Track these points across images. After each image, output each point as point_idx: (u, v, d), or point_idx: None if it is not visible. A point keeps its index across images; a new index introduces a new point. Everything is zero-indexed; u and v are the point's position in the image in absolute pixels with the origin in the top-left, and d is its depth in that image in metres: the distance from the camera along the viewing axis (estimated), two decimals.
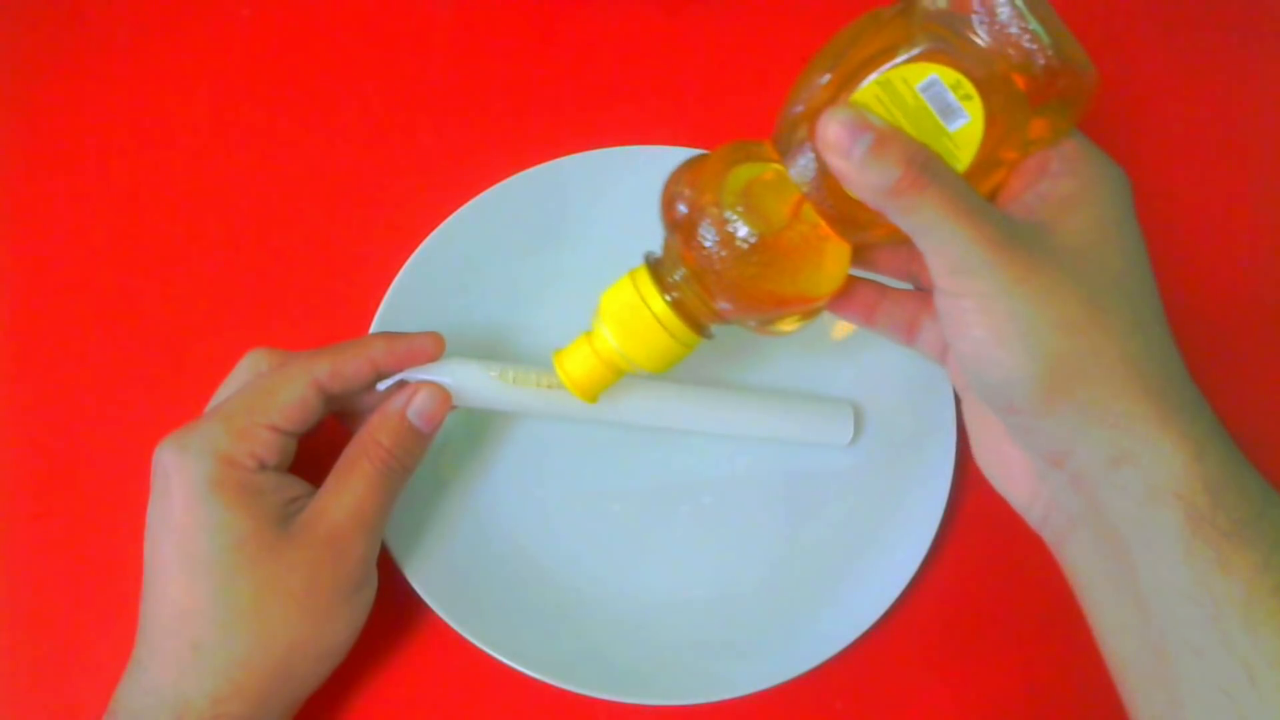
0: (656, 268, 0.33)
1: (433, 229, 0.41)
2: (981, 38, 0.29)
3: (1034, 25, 0.28)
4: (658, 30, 0.48)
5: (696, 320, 0.33)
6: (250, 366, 0.36)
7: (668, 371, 0.35)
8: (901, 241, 0.30)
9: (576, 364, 0.35)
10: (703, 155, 0.32)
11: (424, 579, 0.38)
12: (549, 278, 0.43)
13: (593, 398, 0.36)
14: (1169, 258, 0.44)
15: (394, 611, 0.38)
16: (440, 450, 0.39)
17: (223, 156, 0.46)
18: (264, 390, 0.34)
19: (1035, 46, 0.28)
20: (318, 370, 0.35)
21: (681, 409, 0.40)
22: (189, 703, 0.32)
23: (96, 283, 0.44)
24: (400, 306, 0.41)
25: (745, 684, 0.37)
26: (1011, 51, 0.29)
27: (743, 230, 0.30)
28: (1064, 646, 0.39)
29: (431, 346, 0.37)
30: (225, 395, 0.36)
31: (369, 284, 0.41)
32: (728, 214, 0.30)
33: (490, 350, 0.42)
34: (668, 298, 0.33)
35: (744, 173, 0.31)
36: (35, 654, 0.39)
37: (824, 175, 0.30)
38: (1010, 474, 0.32)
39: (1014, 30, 0.29)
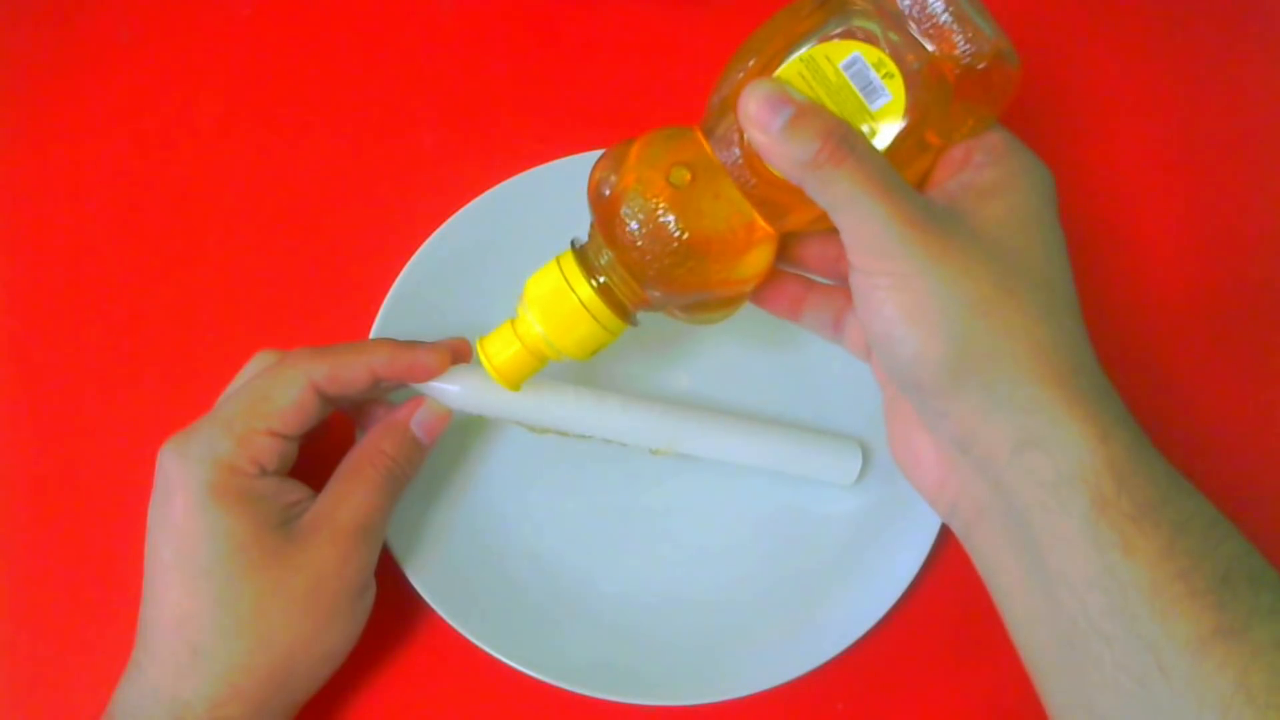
0: (582, 253, 0.33)
1: (434, 229, 0.41)
2: (909, 25, 0.29)
3: (963, 14, 0.29)
4: (659, 31, 0.48)
5: (622, 306, 0.33)
6: (257, 368, 0.36)
7: (592, 358, 0.34)
8: (828, 230, 0.29)
9: (499, 350, 0.34)
10: (628, 140, 0.32)
11: (425, 579, 0.38)
12: None
13: (515, 385, 0.35)
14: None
15: (394, 612, 0.38)
16: (442, 450, 0.39)
17: (223, 157, 0.46)
18: (262, 394, 0.34)
19: (960, 36, 0.29)
20: (316, 373, 0.35)
21: (684, 433, 0.39)
22: (187, 706, 0.32)
23: (97, 283, 0.44)
24: (402, 307, 0.40)
25: (745, 684, 0.37)
26: (938, 40, 0.29)
27: (666, 214, 0.30)
28: None
29: (435, 364, 0.36)
30: None
31: (371, 284, 0.41)
32: (651, 198, 0.30)
33: None
34: (593, 283, 0.32)
35: (669, 156, 0.31)
36: (35, 654, 0.39)
37: (748, 156, 0.30)
38: (920, 462, 0.32)
39: (941, 20, 0.29)
